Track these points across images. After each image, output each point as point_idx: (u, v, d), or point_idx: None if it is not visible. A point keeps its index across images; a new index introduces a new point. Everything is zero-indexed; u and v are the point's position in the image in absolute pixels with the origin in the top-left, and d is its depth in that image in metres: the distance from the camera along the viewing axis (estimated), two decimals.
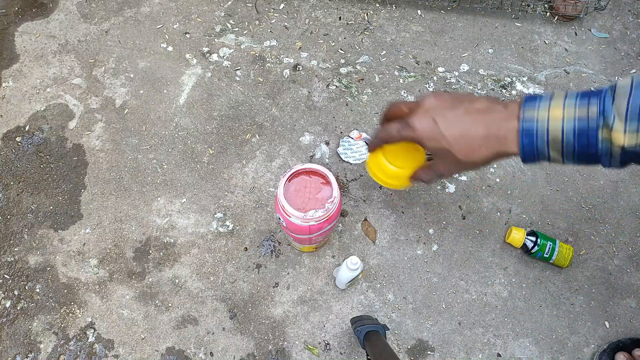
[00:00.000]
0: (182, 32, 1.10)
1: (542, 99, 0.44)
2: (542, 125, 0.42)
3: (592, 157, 0.42)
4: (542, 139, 0.43)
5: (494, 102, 0.47)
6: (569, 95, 0.43)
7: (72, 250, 0.89)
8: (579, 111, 0.41)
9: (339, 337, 0.83)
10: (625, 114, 0.38)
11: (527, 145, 0.43)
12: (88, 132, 0.99)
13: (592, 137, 0.41)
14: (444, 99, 0.49)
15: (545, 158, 0.44)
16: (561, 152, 0.43)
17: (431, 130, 0.48)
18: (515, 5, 1.16)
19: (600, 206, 0.95)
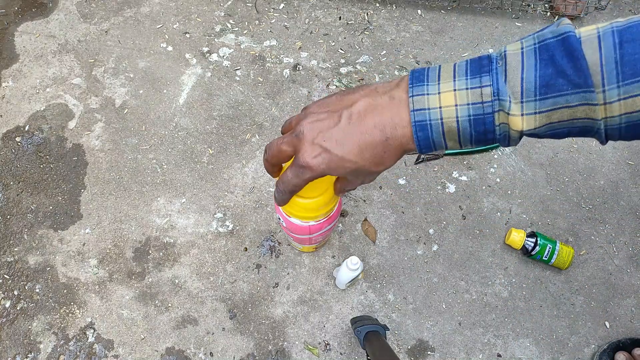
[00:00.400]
0: (182, 32, 1.10)
1: (430, 78, 0.38)
2: (435, 116, 0.37)
3: (490, 141, 0.38)
4: (437, 131, 0.37)
5: (374, 93, 0.41)
6: (458, 72, 0.37)
7: (72, 251, 0.89)
8: (472, 95, 0.36)
9: (339, 337, 0.83)
10: (520, 94, 0.34)
11: (422, 139, 0.38)
12: (88, 132, 0.99)
13: (488, 123, 0.36)
14: (320, 118, 0.42)
15: (442, 148, 0.40)
16: (458, 141, 0.38)
17: (329, 161, 0.41)
18: (515, 5, 1.16)
19: (601, 206, 0.95)
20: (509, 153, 0.99)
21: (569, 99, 0.33)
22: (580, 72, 0.32)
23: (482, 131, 0.37)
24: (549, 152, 0.99)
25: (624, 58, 0.31)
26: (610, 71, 0.31)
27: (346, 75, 1.07)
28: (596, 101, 0.32)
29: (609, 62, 0.31)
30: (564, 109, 0.34)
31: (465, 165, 0.98)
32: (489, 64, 0.36)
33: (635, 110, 0.32)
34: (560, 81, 0.33)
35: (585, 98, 0.32)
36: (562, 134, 0.36)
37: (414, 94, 0.38)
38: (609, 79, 0.31)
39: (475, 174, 0.97)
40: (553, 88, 0.33)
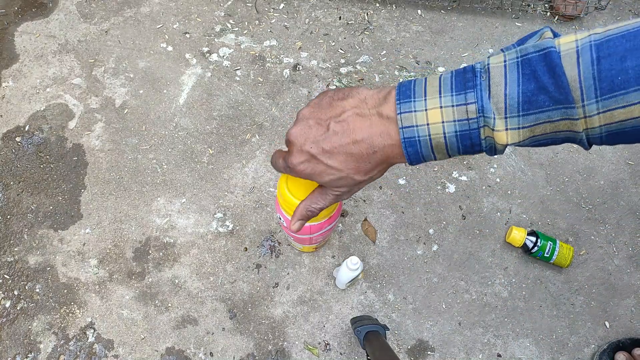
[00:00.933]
0: (182, 32, 1.10)
1: (416, 94, 0.39)
2: (424, 132, 0.39)
3: (477, 152, 0.39)
4: (425, 146, 0.39)
5: (363, 105, 0.42)
6: (444, 87, 0.38)
7: (72, 250, 0.89)
8: (458, 112, 0.37)
9: (338, 337, 0.83)
10: (504, 110, 0.35)
11: (412, 154, 0.40)
12: (88, 132, 0.99)
13: (474, 138, 0.38)
14: (309, 125, 0.43)
15: (431, 160, 0.41)
16: (447, 153, 0.40)
17: (314, 168, 0.43)
18: (515, 5, 1.16)
19: (600, 206, 0.95)
20: (509, 153, 0.99)
21: (550, 114, 0.34)
22: (562, 89, 0.33)
23: (469, 145, 0.38)
24: (549, 152, 1.00)
25: (601, 74, 0.32)
26: (589, 87, 0.32)
27: (346, 75, 1.07)
28: (577, 116, 0.33)
29: (587, 78, 0.32)
30: (546, 124, 0.35)
31: (465, 165, 0.98)
32: (473, 78, 0.37)
33: (614, 122, 0.33)
34: (542, 97, 0.34)
35: (566, 113, 0.34)
36: (545, 144, 0.37)
37: (401, 111, 0.39)
38: (588, 95, 0.32)
39: (475, 174, 0.97)
40: (535, 104, 0.34)
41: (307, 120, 0.44)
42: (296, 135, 0.43)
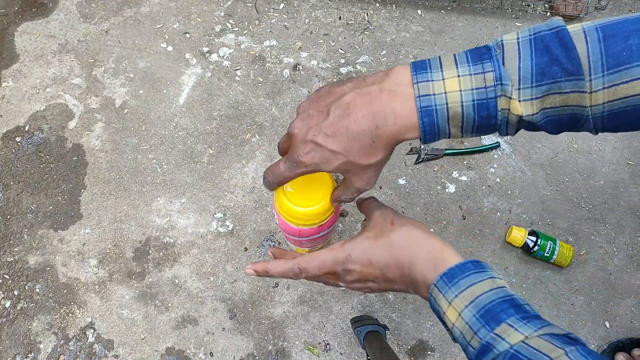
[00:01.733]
0: (182, 32, 1.10)
1: (432, 67, 0.39)
2: (441, 100, 0.38)
3: (491, 128, 0.39)
4: (442, 115, 0.38)
5: (362, 84, 0.41)
6: (460, 61, 0.38)
7: (72, 250, 0.89)
8: (476, 80, 0.37)
9: (339, 337, 0.83)
10: (518, 81, 0.36)
11: (427, 124, 0.39)
12: (88, 132, 0.99)
13: (491, 108, 0.37)
14: (309, 114, 0.43)
15: (445, 135, 0.40)
16: (461, 127, 0.39)
17: (321, 153, 0.42)
18: (515, 5, 1.16)
19: (601, 206, 0.95)
20: (509, 153, 0.99)
21: (562, 85, 0.35)
22: (574, 60, 0.34)
23: (485, 116, 0.38)
24: (549, 152, 1.00)
25: (607, 50, 0.34)
26: (596, 61, 0.34)
27: (346, 75, 1.07)
28: (585, 89, 0.35)
29: (595, 53, 0.34)
30: (556, 95, 0.36)
31: (465, 165, 0.98)
32: (487, 52, 0.37)
33: (617, 98, 0.35)
34: (554, 69, 0.35)
35: (577, 85, 0.35)
36: (554, 122, 0.37)
37: (418, 81, 0.38)
38: (596, 69, 0.34)
39: (475, 174, 0.97)
40: (548, 75, 0.35)
41: (308, 111, 0.43)
42: (298, 126, 0.42)
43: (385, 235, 0.45)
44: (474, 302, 0.38)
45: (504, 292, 0.38)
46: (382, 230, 0.45)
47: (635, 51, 0.33)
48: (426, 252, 0.42)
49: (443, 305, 0.39)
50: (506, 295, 0.38)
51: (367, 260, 0.44)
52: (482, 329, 0.36)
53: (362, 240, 0.45)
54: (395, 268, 0.44)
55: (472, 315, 0.37)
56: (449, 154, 0.98)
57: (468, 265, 0.40)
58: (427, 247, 0.43)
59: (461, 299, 0.38)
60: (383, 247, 0.44)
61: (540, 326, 0.35)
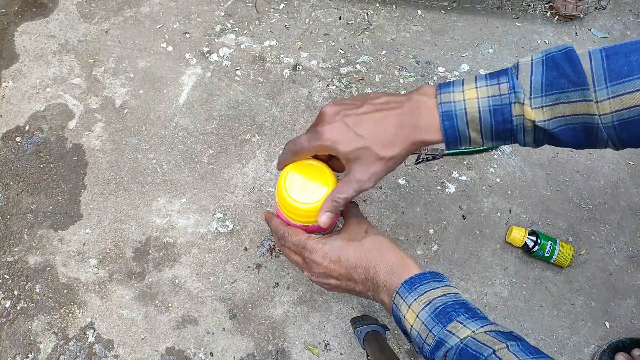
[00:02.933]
0: (182, 32, 1.10)
1: (455, 84, 0.45)
2: (460, 106, 0.43)
3: (508, 133, 0.44)
4: (461, 119, 0.43)
5: (394, 94, 0.48)
6: (479, 78, 0.44)
7: (72, 250, 0.89)
8: (491, 90, 0.43)
9: (339, 338, 0.83)
10: (529, 91, 0.41)
11: (448, 127, 0.44)
12: (88, 132, 0.99)
13: (506, 113, 0.42)
14: (345, 103, 0.48)
15: (466, 140, 0.45)
16: (480, 131, 0.44)
17: (344, 132, 0.46)
18: (515, 5, 1.16)
19: (601, 206, 0.95)
20: (509, 153, 0.99)
21: (569, 95, 0.40)
22: (579, 73, 0.39)
23: (501, 121, 0.43)
24: (549, 152, 0.99)
25: (609, 66, 0.39)
26: (600, 76, 0.39)
27: (346, 75, 1.07)
28: (591, 97, 0.39)
29: (598, 68, 0.39)
30: (565, 104, 0.40)
31: (465, 165, 0.98)
32: (504, 71, 0.43)
33: (624, 108, 0.39)
34: (562, 81, 0.40)
35: (583, 95, 0.39)
36: (568, 131, 0.42)
37: (441, 92, 0.44)
38: (599, 81, 0.39)
39: (475, 173, 0.97)
40: (557, 86, 0.40)
41: (343, 100, 0.48)
42: (330, 106, 0.47)
43: (358, 239, 0.49)
44: (430, 304, 0.42)
45: (457, 297, 0.43)
46: (356, 235, 0.50)
47: (635, 66, 0.38)
48: (392, 261, 0.47)
49: (403, 309, 0.43)
50: (458, 300, 0.42)
51: (336, 257, 0.48)
52: (435, 327, 0.41)
53: (336, 240, 0.49)
54: (362, 270, 0.48)
55: (427, 315, 0.42)
56: (449, 154, 0.98)
57: (427, 275, 0.45)
58: (392, 257, 0.47)
59: (419, 302, 0.43)
60: (354, 249, 0.48)
61: (487, 324, 0.40)
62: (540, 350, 0.37)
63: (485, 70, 1.08)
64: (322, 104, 1.03)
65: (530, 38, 1.13)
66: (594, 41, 1.13)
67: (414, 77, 1.07)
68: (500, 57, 1.10)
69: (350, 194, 0.48)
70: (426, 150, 0.97)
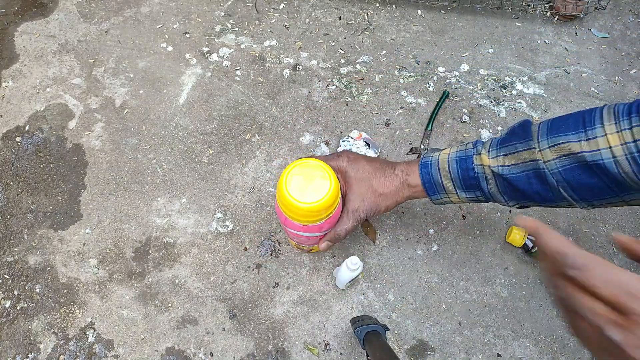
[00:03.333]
0: (182, 32, 1.10)
1: (434, 153, 0.65)
2: (435, 159, 0.64)
3: (474, 181, 0.60)
4: (435, 167, 0.62)
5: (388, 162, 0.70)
6: (452, 147, 0.65)
7: (72, 250, 0.89)
8: (460, 148, 0.63)
9: (339, 338, 0.83)
10: (488, 147, 0.60)
11: (425, 174, 0.63)
12: (88, 132, 0.99)
13: (469, 162, 0.60)
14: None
15: (441, 188, 0.63)
16: (450, 178, 0.61)
17: (355, 159, 0.68)
18: (515, 5, 1.16)
19: None
20: None
21: (517, 146, 0.56)
22: (526, 132, 0.56)
23: (465, 168, 0.60)
24: None
25: (551, 125, 0.54)
26: (543, 131, 0.54)
27: (346, 75, 1.07)
28: (534, 146, 0.54)
29: (543, 127, 0.55)
30: (515, 154, 0.56)
31: None
32: (472, 142, 0.64)
33: (561, 155, 0.51)
34: (513, 138, 0.57)
35: (528, 145, 0.54)
36: (523, 178, 0.55)
37: (423, 158, 0.67)
38: (542, 135, 0.54)
39: None
40: (508, 141, 0.58)
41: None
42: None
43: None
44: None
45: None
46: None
47: (571, 124, 0.51)
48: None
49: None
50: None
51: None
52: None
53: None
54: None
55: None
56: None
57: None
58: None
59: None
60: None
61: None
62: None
63: (485, 70, 1.08)
64: (322, 104, 1.03)
65: (530, 38, 1.13)
66: (593, 41, 1.13)
67: (414, 77, 1.07)
68: (500, 57, 1.10)
69: (350, 226, 0.69)
70: (426, 149, 0.97)
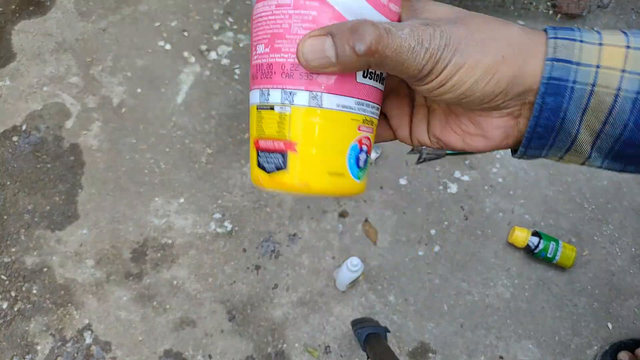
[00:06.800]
0: (180, 30, 1.09)
1: (583, 31, 0.24)
2: (586, 78, 0.23)
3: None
4: (579, 101, 0.23)
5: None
6: (633, 32, 0.24)
7: (69, 251, 0.88)
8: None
9: (339, 340, 0.82)
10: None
11: (550, 106, 0.23)
12: (85, 131, 0.98)
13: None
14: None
15: (568, 137, 0.24)
16: (598, 133, 0.23)
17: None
18: (517, 3, 1.15)
19: (603, 206, 0.94)
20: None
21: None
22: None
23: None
24: None
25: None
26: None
27: None
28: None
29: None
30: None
31: (467, 165, 0.97)
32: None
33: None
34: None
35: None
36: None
37: (557, 36, 0.23)
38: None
39: (477, 173, 0.96)
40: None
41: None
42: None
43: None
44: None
45: None
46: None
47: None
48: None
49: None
50: None
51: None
52: None
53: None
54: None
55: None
56: (450, 154, 0.97)
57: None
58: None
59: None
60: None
61: None
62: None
63: None
64: None
65: None
66: None
67: None
68: None
69: (404, 43, 0.22)
70: (427, 149, 0.96)
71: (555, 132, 0.24)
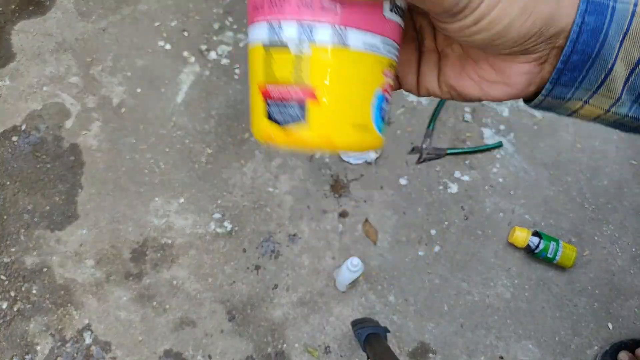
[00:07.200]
0: (180, 30, 1.09)
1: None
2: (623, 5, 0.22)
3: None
4: (619, 23, 0.21)
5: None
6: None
7: (69, 251, 0.88)
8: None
9: (339, 340, 0.82)
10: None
11: (591, 29, 0.21)
12: (85, 131, 0.98)
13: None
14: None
15: (605, 64, 0.22)
16: (634, 65, 0.22)
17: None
18: None
19: (604, 206, 0.94)
20: (511, 153, 0.98)
21: None
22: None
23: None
24: (553, 152, 0.98)
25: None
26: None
27: None
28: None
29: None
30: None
31: (467, 165, 0.97)
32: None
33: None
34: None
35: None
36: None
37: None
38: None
39: (477, 173, 0.96)
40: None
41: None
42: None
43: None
44: None
45: None
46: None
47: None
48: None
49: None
50: None
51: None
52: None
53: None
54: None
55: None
56: (450, 154, 0.97)
57: None
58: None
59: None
60: None
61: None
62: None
63: None
64: None
65: None
66: None
67: None
68: None
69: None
70: (428, 149, 0.96)
71: (591, 60, 0.22)
